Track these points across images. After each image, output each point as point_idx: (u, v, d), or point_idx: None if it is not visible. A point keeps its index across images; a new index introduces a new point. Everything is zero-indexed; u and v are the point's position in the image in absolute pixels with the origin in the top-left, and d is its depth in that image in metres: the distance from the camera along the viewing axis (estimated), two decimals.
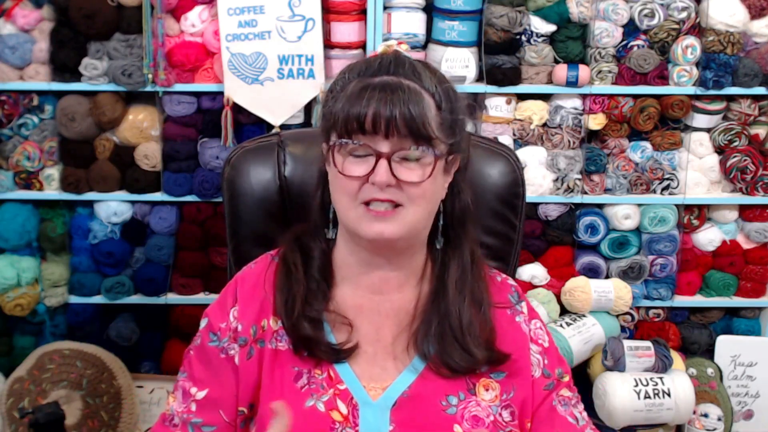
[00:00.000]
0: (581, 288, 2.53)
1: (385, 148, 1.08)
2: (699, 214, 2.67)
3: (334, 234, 1.22)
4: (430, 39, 2.50)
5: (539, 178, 2.53)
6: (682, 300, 2.73)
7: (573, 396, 1.24)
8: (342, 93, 1.12)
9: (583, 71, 2.46)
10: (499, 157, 1.44)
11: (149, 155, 2.49)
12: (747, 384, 2.65)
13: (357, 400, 1.14)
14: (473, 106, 2.49)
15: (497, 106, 2.51)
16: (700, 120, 2.58)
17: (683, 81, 2.51)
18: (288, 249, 1.22)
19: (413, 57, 1.16)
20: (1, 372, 2.52)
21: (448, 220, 1.21)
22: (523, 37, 2.48)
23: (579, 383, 1.30)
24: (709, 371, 2.54)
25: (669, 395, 2.29)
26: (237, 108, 2.44)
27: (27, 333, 2.64)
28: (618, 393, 2.28)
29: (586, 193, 2.58)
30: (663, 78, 2.52)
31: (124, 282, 2.57)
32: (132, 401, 2.45)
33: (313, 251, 1.21)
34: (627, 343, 2.36)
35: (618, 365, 2.34)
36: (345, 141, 1.09)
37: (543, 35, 2.48)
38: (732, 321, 2.78)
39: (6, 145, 2.49)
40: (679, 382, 2.32)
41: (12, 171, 2.50)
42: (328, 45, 2.44)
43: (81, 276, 2.57)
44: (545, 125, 2.56)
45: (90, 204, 2.55)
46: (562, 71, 2.46)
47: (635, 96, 2.53)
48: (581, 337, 2.47)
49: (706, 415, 2.47)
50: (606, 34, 2.48)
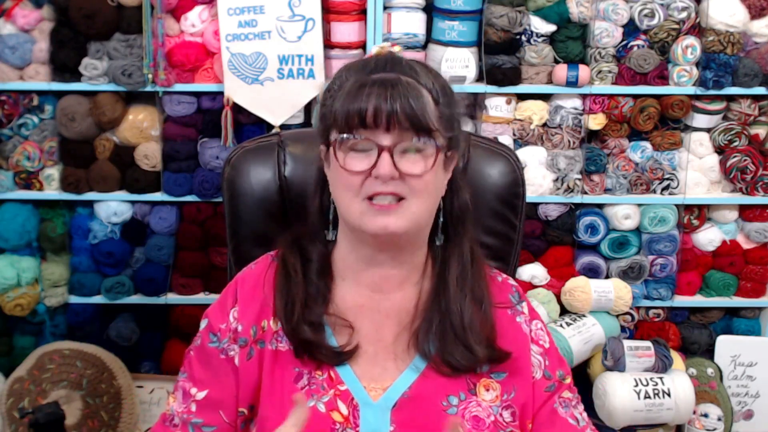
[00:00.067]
0: (581, 288, 2.53)
1: (387, 141, 1.08)
2: (699, 214, 2.67)
3: (333, 236, 1.22)
4: (430, 39, 2.50)
5: (539, 178, 2.53)
6: (682, 300, 2.72)
7: (573, 397, 1.24)
8: (340, 92, 1.12)
9: (583, 71, 2.46)
10: (499, 157, 1.44)
11: (149, 155, 2.49)
12: (747, 384, 2.65)
13: (357, 400, 1.14)
14: (469, 103, 2.49)
15: (497, 106, 2.50)
16: (700, 120, 2.58)
17: (683, 81, 2.51)
18: (287, 251, 1.22)
19: (410, 57, 1.17)
20: (1, 372, 2.52)
21: (447, 217, 1.21)
22: (523, 37, 2.48)
23: (579, 383, 1.30)
24: (709, 371, 2.54)
25: (669, 395, 2.29)
26: (237, 108, 2.44)
27: (27, 333, 2.64)
28: (618, 393, 2.28)
29: (586, 193, 2.58)
30: (663, 78, 2.52)
31: (124, 282, 2.57)
32: (132, 401, 2.45)
33: (312, 254, 1.21)
34: (627, 343, 2.36)
35: (618, 365, 2.34)
36: (346, 136, 1.09)
37: (543, 35, 2.48)
38: (732, 321, 2.78)
39: (6, 145, 2.49)
40: (679, 382, 2.32)
41: (12, 171, 2.50)
42: (328, 45, 2.44)
43: (81, 276, 2.57)
44: (545, 125, 2.56)
45: (90, 204, 2.55)
46: (562, 71, 2.46)
47: (635, 96, 2.53)
48: (581, 337, 2.47)
49: (706, 415, 2.47)
50: (606, 34, 2.48)
